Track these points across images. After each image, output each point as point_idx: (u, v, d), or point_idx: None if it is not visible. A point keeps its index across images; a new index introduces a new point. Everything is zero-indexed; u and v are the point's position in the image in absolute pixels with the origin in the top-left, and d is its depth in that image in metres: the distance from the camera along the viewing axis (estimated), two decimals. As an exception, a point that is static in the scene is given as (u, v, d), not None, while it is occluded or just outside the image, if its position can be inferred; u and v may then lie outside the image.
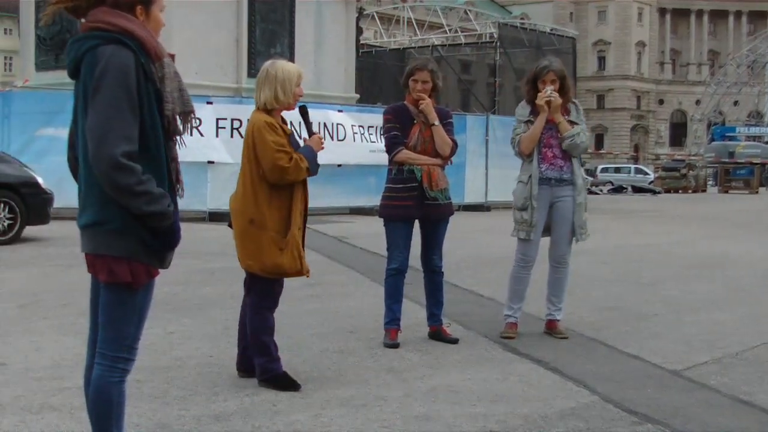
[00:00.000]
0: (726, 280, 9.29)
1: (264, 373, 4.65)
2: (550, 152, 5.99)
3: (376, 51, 35.81)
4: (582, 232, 6.06)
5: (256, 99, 4.66)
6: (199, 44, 19.75)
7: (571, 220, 6.01)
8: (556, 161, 5.98)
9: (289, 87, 4.58)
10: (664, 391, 4.74)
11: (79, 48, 2.84)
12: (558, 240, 6.08)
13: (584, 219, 6.06)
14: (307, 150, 4.64)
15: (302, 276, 4.70)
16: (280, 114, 4.69)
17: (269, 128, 4.53)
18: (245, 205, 4.59)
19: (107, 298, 2.92)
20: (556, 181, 5.98)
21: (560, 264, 6.12)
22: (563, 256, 6.10)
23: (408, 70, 5.79)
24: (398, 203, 5.68)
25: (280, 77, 4.57)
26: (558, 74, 5.95)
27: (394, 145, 5.68)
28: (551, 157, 5.98)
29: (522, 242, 6.04)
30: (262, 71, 4.65)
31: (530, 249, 6.04)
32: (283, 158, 4.48)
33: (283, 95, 4.57)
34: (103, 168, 2.73)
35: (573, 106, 6.09)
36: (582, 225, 6.05)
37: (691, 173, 44.33)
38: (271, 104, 4.59)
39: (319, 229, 14.19)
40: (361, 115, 18.35)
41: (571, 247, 6.12)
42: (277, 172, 4.50)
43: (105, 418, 2.95)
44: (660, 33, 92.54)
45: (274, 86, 4.56)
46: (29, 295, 7.34)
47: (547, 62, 6.03)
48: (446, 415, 4.24)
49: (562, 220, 6.02)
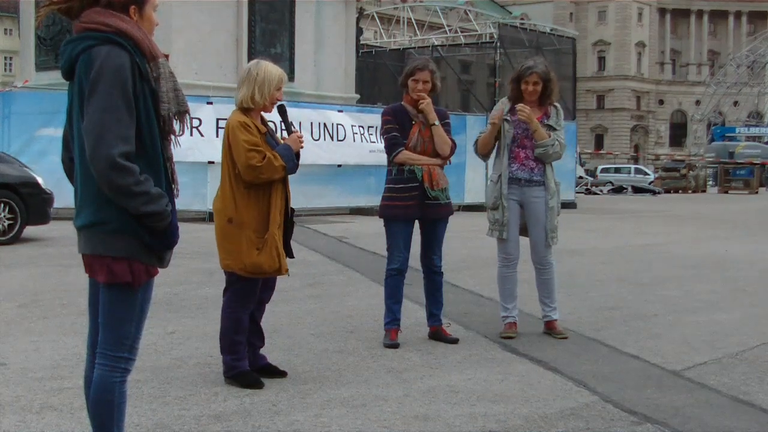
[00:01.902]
0: (726, 280, 9.29)
1: (230, 371, 4.69)
2: (523, 153, 5.99)
3: (376, 51, 35.81)
4: (552, 236, 6.05)
5: (235, 97, 4.69)
6: (198, 44, 19.75)
7: (544, 222, 6.01)
8: (527, 162, 5.99)
9: (267, 89, 4.60)
10: (663, 391, 4.75)
11: (73, 49, 2.84)
12: (536, 243, 6.10)
13: (555, 223, 6.06)
14: (283, 148, 4.65)
15: (281, 275, 4.71)
16: (258, 114, 4.71)
17: (242, 127, 4.57)
18: (224, 205, 4.62)
19: (107, 299, 2.93)
20: (526, 181, 5.99)
21: (543, 266, 6.13)
22: (544, 258, 6.11)
23: (408, 70, 5.79)
24: (399, 203, 5.68)
25: (260, 78, 4.60)
26: (542, 76, 5.94)
27: (394, 145, 5.68)
28: (523, 158, 5.99)
29: (501, 242, 6.07)
30: (245, 69, 4.71)
31: (509, 247, 6.05)
32: (256, 157, 4.50)
33: (259, 96, 4.60)
34: (100, 168, 2.74)
35: (554, 110, 6.08)
36: (553, 229, 6.04)
37: (691, 173, 44.31)
38: (246, 103, 4.62)
39: (319, 229, 14.20)
40: (361, 116, 18.35)
41: (550, 248, 6.12)
42: (250, 171, 4.52)
43: (106, 418, 2.96)
44: (660, 33, 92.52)
45: (252, 86, 4.60)
46: (29, 295, 7.34)
47: (531, 63, 6.03)
48: (446, 415, 4.24)
49: (536, 222, 6.03)
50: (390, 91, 27.96)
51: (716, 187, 45.27)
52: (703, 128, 70.54)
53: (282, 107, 4.89)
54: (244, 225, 4.56)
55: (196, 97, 14.84)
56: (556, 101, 6.15)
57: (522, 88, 5.96)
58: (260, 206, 4.59)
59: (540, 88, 5.95)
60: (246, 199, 4.58)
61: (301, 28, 21.67)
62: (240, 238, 4.55)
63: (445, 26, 39.03)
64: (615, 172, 47.15)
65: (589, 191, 38.52)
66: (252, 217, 4.57)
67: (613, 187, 42.52)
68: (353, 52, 24.00)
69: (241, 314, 4.70)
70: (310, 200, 16.50)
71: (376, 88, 31.57)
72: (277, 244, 4.58)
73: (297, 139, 4.75)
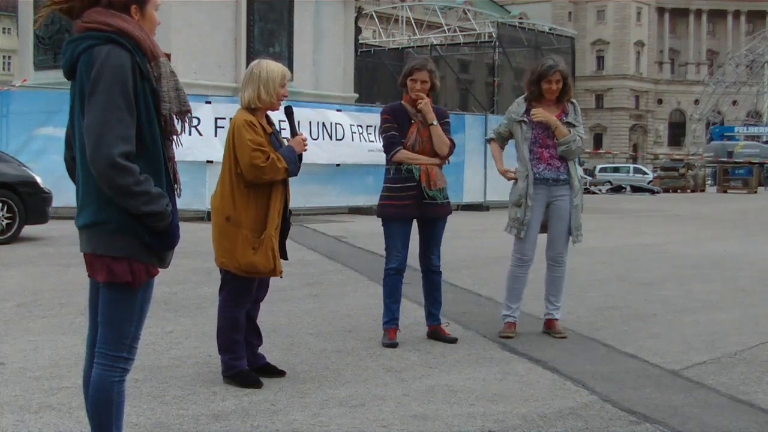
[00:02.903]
0: (725, 280, 9.30)
1: (228, 370, 4.69)
2: (547, 152, 5.99)
3: (375, 50, 35.85)
4: (578, 234, 6.07)
5: (240, 98, 4.71)
6: (197, 44, 19.74)
7: (567, 220, 6.02)
8: (553, 161, 5.99)
9: (272, 87, 4.60)
10: (662, 391, 4.75)
11: (74, 48, 2.84)
12: (555, 238, 6.09)
13: (580, 221, 6.08)
14: (287, 150, 4.65)
15: (275, 276, 4.71)
16: (264, 114, 4.71)
17: (248, 126, 4.56)
18: (223, 203, 4.62)
19: (107, 298, 2.92)
20: (554, 181, 6.00)
21: (557, 263, 6.13)
22: (560, 254, 6.11)
23: (406, 70, 5.78)
24: (397, 203, 5.68)
25: (264, 77, 4.60)
26: (563, 74, 5.96)
27: (392, 144, 5.68)
28: (548, 158, 5.99)
29: (518, 241, 6.05)
30: (248, 70, 4.71)
31: (526, 248, 6.04)
32: (260, 157, 4.50)
33: (265, 95, 4.59)
34: (101, 168, 2.73)
35: (571, 106, 6.09)
36: (578, 227, 6.06)
37: (690, 173, 44.32)
38: (254, 103, 4.62)
39: (318, 228, 14.19)
40: (360, 115, 18.34)
41: (567, 246, 6.12)
42: (253, 171, 4.52)
43: (105, 418, 2.95)
44: (659, 32, 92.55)
45: (257, 85, 4.60)
46: (28, 295, 7.34)
47: (552, 62, 6.01)
48: (444, 414, 4.24)
49: (559, 219, 6.03)
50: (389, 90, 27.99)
51: (715, 186, 45.30)
52: (701, 128, 70.59)
53: (289, 109, 4.90)
54: (242, 224, 4.56)
55: (195, 97, 14.80)
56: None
57: (544, 88, 5.95)
58: (259, 206, 4.59)
59: (561, 86, 5.97)
60: (245, 198, 4.58)
61: (300, 27, 21.67)
62: (236, 237, 4.56)
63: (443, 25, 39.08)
64: (614, 171, 47.18)
65: (588, 191, 38.53)
66: (250, 216, 4.57)
67: (612, 187, 42.56)
68: (352, 51, 24.01)
69: (237, 313, 4.71)
70: (309, 199, 16.49)
71: (375, 87, 31.60)
72: (273, 245, 4.58)
73: (301, 142, 4.75)
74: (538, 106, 5.98)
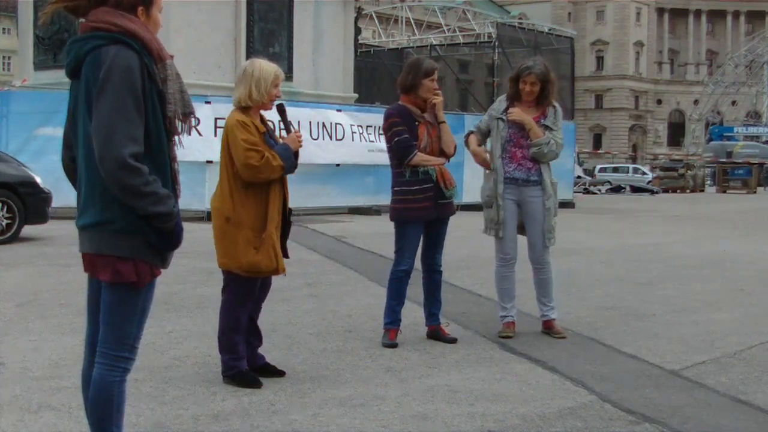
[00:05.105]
0: (724, 280, 9.30)
1: (228, 370, 4.70)
2: (520, 152, 5.98)
3: (375, 50, 35.88)
4: (549, 236, 6.03)
5: (233, 97, 4.70)
6: (197, 44, 19.73)
7: (542, 222, 6.00)
8: (524, 162, 5.97)
9: (264, 86, 4.60)
10: (661, 391, 4.75)
11: (80, 48, 2.83)
12: (533, 242, 6.09)
13: (552, 224, 6.04)
14: (282, 148, 4.65)
15: (278, 275, 4.72)
16: (257, 113, 4.71)
17: (241, 126, 4.57)
18: (222, 203, 4.62)
19: (110, 298, 2.92)
20: (524, 181, 5.98)
21: (540, 264, 6.11)
22: (541, 257, 6.09)
23: (424, 70, 5.70)
24: (416, 205, 5.64)
25: (256, 76, 4.61)
26: (539, 77, 5.91)
27: (408, 148, 5.59)
28: (520, 158, 5.98)
29: (498, 241, 6.07)
30: (240, 69, 4.72)
31: (507, 246, 6.05)
32: (254, 156, 4.51)
33: (257, 93, 4.59)
34: (110, 169, 2.72)
35: (552, 111, 6.04)
36: (550, 230, 6.01)
37: (689, 173, 44.28)
38: (245, 102, 4.63)
39: (318, 228, 14.19)
40: (360, 115, 18.34)
41: (548, 248, 6.10)
42: (248, 170, 4.53)
43: (105, 418, 2.95)
44: (658, 33, 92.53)
45: (249, 84, 4.61)
46: (27, 295, 7.34)
47: (530, 63, 5.99)
48: (444, 414, 4.24)
49: (533, 221, 6.02)
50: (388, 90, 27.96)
51: (714, 186, 45.28)
52: (701, 128, 70.55)
53: (281, 106, 4.90)
54: (242, 224, 4.56)
55: (195, 97, 14.65)
56: (555, 102, 6.13)
57: (520, 88, 5.96)
58: (258, 205, 4.59)
59: (537, 88, 5.93)
60: (244, 198, 4.58)
61: (300, 27, 21.68)
62: (237, 237, 4.56)
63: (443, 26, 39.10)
64: (613, 171, 47.17)
65: (588, 191, 38.55)
66: (250, 216, 4.57)
67: (612, 187, 42.53)
68: (351, 51, 24.01)
69: (240, 313, 4.71)
70: (309, 199, 16.49)
71: (375, 87, 31.60)
72: (274, 244, 4.58)
73: (296, 139, 4.75)
74: (519, 106, 5.97)
